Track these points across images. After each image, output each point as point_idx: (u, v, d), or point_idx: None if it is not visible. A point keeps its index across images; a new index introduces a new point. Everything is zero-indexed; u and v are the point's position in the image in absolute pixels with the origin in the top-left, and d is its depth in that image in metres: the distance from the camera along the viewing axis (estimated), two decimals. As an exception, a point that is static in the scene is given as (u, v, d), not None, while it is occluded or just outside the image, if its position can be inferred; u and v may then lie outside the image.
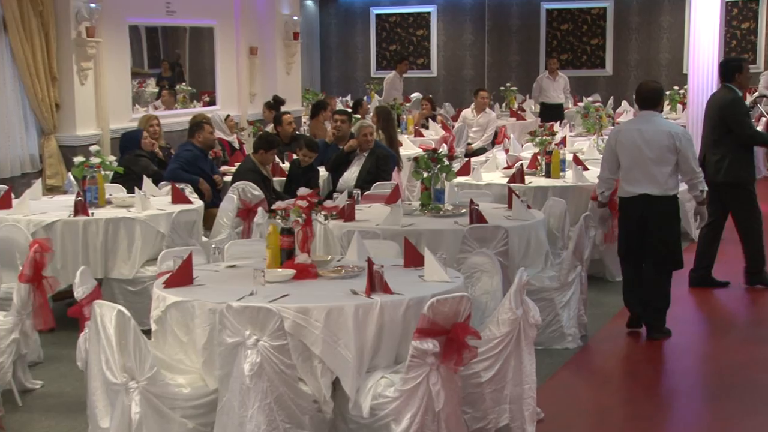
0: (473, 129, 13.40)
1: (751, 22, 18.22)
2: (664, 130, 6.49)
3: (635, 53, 19.36)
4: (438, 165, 6.78)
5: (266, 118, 11.76)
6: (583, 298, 6.62)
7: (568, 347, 6.39)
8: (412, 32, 20.95)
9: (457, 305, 4.29)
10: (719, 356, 6.40)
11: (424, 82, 20.82)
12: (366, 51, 21.30)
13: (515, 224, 6.52)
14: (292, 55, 14.18)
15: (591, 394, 5.68)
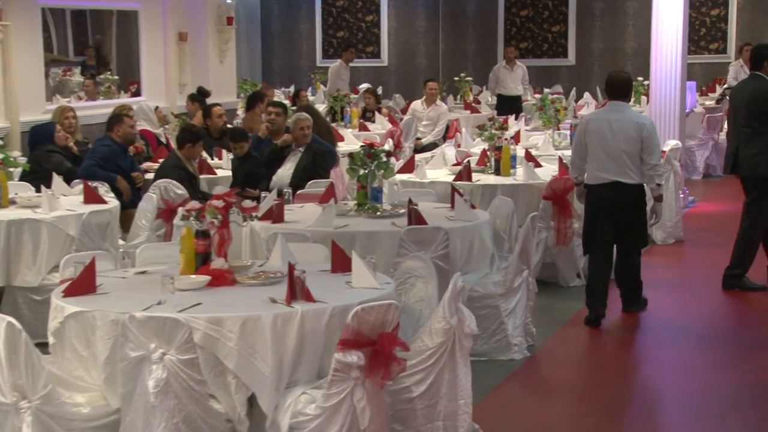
0: (423, 122, 13.39)
1: (721, 8, 18.43)
2: (631, 120, 7.06)
3: (599, 41, 19.49)
4: (375, 161, 6.75)
5: (190, 112, 11.65)
6: (530, 305, 6.63)
7: (513, 358, 6.39)
8: (360, 18, 20.91)
9: (384, 314, 4.26)
10: (673, 366, 6.43)
11: (374, 71, 20.78)
12: (311, 38, 21.22)
13: (457, 225, 6.52)
14: (226, 42, 14.07)
15: (535, 408, 5.68)
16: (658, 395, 5.90)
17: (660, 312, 7.63)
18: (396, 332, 4.32)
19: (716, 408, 5.69)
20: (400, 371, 4.36)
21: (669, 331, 7.16)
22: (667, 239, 9.74)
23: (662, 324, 7.34)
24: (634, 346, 6.88)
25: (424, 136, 13.24)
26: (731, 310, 7.84)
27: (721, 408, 5.67)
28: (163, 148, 9.80)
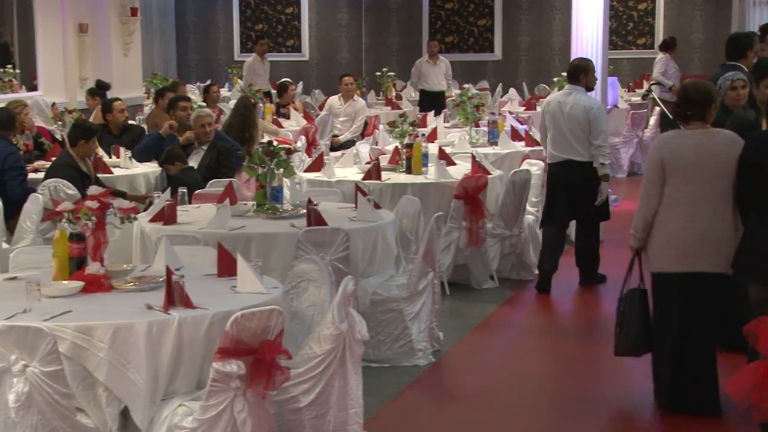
0: (341, 119, 13.32)
1: (648, 2, 18.67)
2: (581, 103, 7.95)
3: (526, 36, 19.62)
4: (274, 159, 6.66)
5: (90, 107, 11.43)
6: (436, 309, 6.60)
7: (418, 364, 6.34)
8: (280, 10, 20.77)
9: (267, 320, 4.18)
10: (580, 370, 6.45)
11: (295, 66, 20.66)
12: (228, 31, 21.03)
13: (359, 226, 6.45)
14: (130, 34, 13.83)
15: (435, 416, 5.64)
16: (562, 401, 5.89)
17: (570, 314, 7.67)
18: (280, 339, 4.25)
19: (624, 413, 5.72)
20: (284, 380, 4.28)
21: (579, 334, 7.20)
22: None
23: (572, 327, 7.40)
24: (543, 350, 6.88)
25: (341, 133, 13.16)
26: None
27: (630, 413, 5.69)
28: (57, 145, 9.58)
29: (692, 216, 5.34)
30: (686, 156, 5.35)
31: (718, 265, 5.29)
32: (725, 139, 5.36)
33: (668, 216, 5.42)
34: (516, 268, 8.50)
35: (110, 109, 9.96)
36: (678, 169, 5.38)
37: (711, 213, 5.30)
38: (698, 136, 5.40)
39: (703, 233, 5.31)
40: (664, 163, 5.42)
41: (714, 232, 5.30)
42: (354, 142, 12.63)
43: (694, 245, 5.33)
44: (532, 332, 7.28)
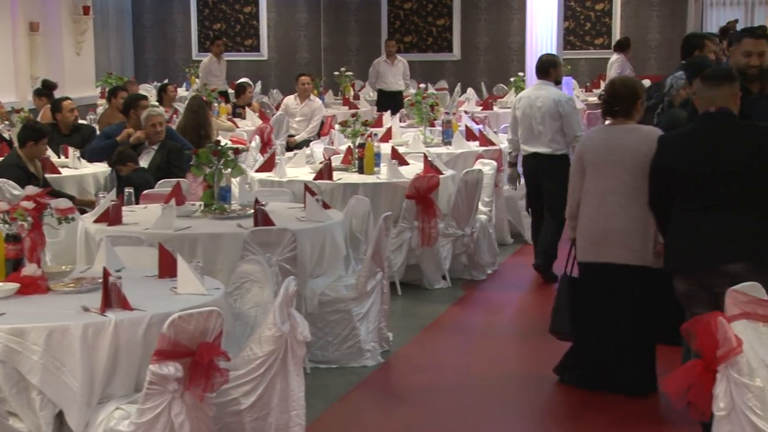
0: (297, 119, 13.27)
1: (606, 2, 18.78)
2: (551, 97, 8.22)
3: (485, 36, 19.67)
4: (221, 159, 6.60)
5: (37, 107, 11.30)
6: (385, 309, 6.58)
7: (366, 365, 6.32)
8: (238, 9, 20.69)
9: (206, 322, 4.14)
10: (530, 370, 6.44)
11: (254, 66, 20.59)
12: (186, 31, 20.93)
13: (307, 226, 6.41)
14: (83, 33, 13.70)
15: (380, 417, 5.61)
16: (508, 401, 5.88)
17: (521, 313, 7.68)
18: (219, 341, 4.21)
19: (572, 411, 5.71)
20: (222, 383, 4.24)
21: (528, 333, 7.17)
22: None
23: (522, 326, 7.38)
24: (492, 350, 6.84)
25: (297, 133, 13.12)
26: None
27: (577, 411, 5.69)
28: (5, 145, 9.45)
29: (599, 208, 5.66)
30: (599, 150, 5.70)
31: (623, 257, 5.57)
32: (639, 135, 5.59)
33: (583, 208, 5.76)
34: (468, 268, 8.50)
35: (59, 109, 9.84)
36: (591, 163, 5.74)
37: (617, 206, 5.59)
38: (613, 131, 5.71)
39: (607, 225, 5.62)
40: (583, 157, 5.79)
41: (618, 224, 5.59)
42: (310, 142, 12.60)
43: (600, 236, 5.66)
44: (482, 332, 7.26)
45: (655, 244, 5.50)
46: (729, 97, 4.90)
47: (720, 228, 4.83)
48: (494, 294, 8.16)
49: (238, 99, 13.74)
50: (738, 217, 4.81)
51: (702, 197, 4.90)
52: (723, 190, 4.83)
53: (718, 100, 4.88)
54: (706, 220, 4.87)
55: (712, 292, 4.72)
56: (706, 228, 4.87)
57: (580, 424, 5.56)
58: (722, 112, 4.88)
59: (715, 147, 4.88)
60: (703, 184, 4.88)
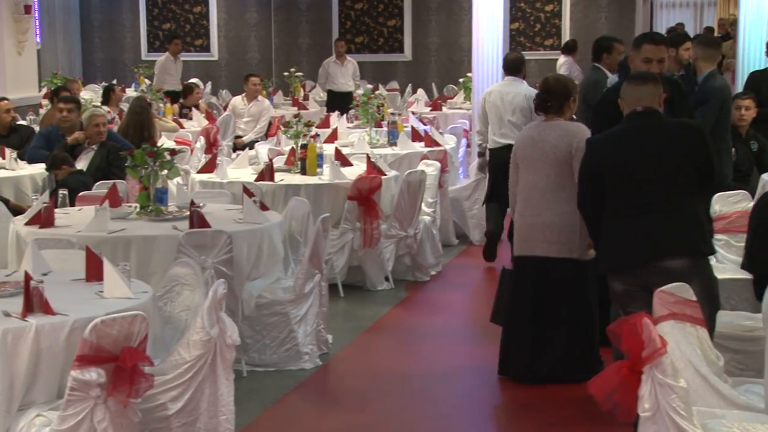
0: (244, 119, 13.19)
1: (555, 4, 18.85)
2: (521, 92, 8.79)
3: (436, 36, 19.67)
4: (157, 160, 6.52)
5: (-24, 108, 11.12)
6: (323, 311, 6.53)
7: (304, 368, 6.27)
8: (188, 9, 20.54)
9: (129, 326, 4.07)
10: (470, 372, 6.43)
11: (204, 66, 20.45)
12: (135, 30, 20.73)
13: (244, 228, 6.34)
14: (24, 32, 13.47)
15: (314, 421, 5.55)
16: (443, 403, 5.84)
17: (463, 315, 7.66)
18: (143, 346, 4.14)
19: (509, 412, 5.71)
20: (147, 388, 4.17)
21: (469, 336, 7.18)
22: (484, 240, 9.79)
23: (463, 328, 7.36)
24: (431, 353, 6.81)
25: (245, 134, 13.04)
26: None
27: (519, 411, 5.68)
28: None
29: (526, 203, 5.91)
30: (527, 147, 5.92)
31: (549, 250, 5.80)
32: (561, 131, 5.79)
33: (517, 203, 6.01)
34: (411, 269, 8.47)
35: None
36: (522, 159, 5.96)
37: (542, 201, 5.81)
38: (541, 127, 5.91)
39: (533, 220, 5.85)
40: (516, 154, 6.00)
41: (542, 219, 5.81)
42: (258, 142, 12.52)
43: (526, 231, 5.90)
44: (423, 334, 7.22)
45: (585, 238, 5.58)
46: (654, 96, 4.91)
47: (656, 226, 4.83)
48: (437, 295, 8.14)
49: (186, 99, 13.61)
50: (673, 213, 4.82)
51: (635, 196, 4.90)
52: (655, 188, 4.84)
53: (643, 99, 4.89)
54: (641, 218, 4.87)
55: (649, 290, 4.71)
56: (641, 227, 4.86)
57: (521, 424, 5.54)
58: (648, 111, 4.89)
59: (643, 145, 4.88)
60: (635, 184, 4.88)
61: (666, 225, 4.85)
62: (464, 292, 8.27)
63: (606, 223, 5.00)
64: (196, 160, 10.43)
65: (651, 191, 4.86)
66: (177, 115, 12.97)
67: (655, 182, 4.84)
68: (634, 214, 4.89)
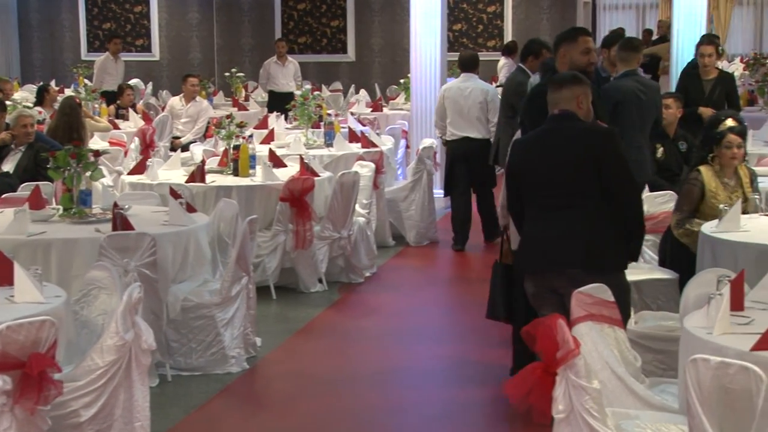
0: (182, 120, 13.04)
1: (497, 5, 18.91)
2: (478, 87, 9.56)
3: (379, 37, 19.65)
4: (80, 162, 6.41)
5: None
6: (251, 314, 6.46)
7: (230, 371, 6.18)
8: (128, 9, 20.34)
9: (37, 332, 3.97)
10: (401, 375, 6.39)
11: (145, 66, 20.26)
12: (74, 30, 20.49)
13: (169, 230, 6.26)
14: (-44, 32, 13.27)
15: (237, 425, 5.48)
16: (376, 406, 5.80)
17: (397, 316, 7.62)
18: (52, 352, 4.04)
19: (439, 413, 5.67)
20: (56, 395, 4.07)
21: (401, 337, 7.13)
22: (420, 241, 9.79)
23: (395, 330, 7.30)
24: (360, 355, 6.75)
25: (183, 135, 12.90)
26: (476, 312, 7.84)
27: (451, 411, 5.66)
28: None
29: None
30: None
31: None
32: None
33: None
34: (345, 271, 8.42)
35: None
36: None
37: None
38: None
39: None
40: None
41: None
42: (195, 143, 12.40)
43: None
44: (354, 336, 7.17)
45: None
46: (571, 99, 4.87)
47: (559, 230, 4.83)
48: (371, 297, 8.10)
49: (119, 100, 13.45)
50: (576, 219, 4.79)
51: (540, 199, 4.91)
52: (557, 192, 4.83)
53: (560, 103, 4.89)
54: (548, 222, 4.88)
55: (557, 293, 4.73)
56: (543, 231, 4.89)
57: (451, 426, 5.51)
58: (563, 114, 4.88)
59: (548, 148, 4.88)
60: (540, 186, 4.90)
61: (567, 231, 4.82)
62: (398, 294, 8.23)
63: (525, 223, 5.01)
64: (130, 161, 10.31)
65: (553, 195, 4.85)
66: (113, 116, 12.82)
67: (556, 186, 4.83)
68: (540, 218, 4.92)
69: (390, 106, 15.37)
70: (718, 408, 3.35)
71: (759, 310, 4.02)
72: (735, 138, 6.21)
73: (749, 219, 5.93)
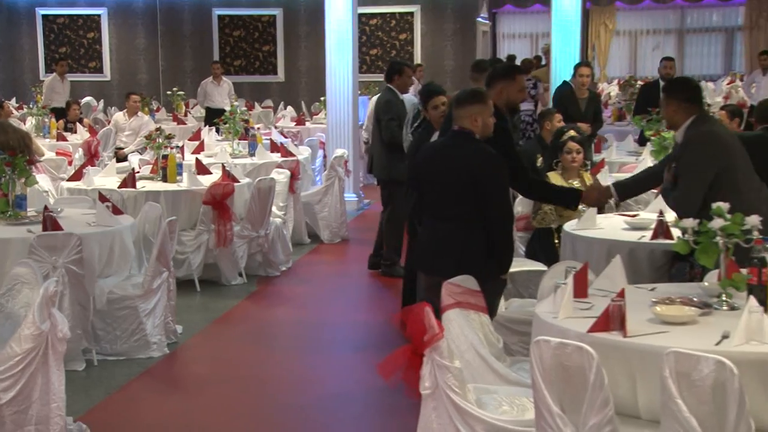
0: (126, 133, 12.77)
1: (408, 33, 18.90)
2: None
3: (305, 60, 19.51)
4: (15, 169, 6.19)
5: None
6: (171, 305, 6.31)
7: (152, 356, 6.04)
8: (82, 35, 19.92)
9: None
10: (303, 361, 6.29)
11: (97, 85, 19.88)
12: (33, 53, 20.01)
13: (96, 230, 6.08)
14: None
15: (155, 404, 5.33)
16: (281, 388, 5.69)
17: (308, 306, 7.52)
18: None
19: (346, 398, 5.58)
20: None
21: (311, 324, 7.03)
22: (333, 239, 9.70)
23: (308, 317, 7.20)
24: (275, 340, 6.65)
25: (126, 146, 12.64)
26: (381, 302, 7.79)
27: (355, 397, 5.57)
28: None
29: None
30: None
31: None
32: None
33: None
34: (263, 266, 8.29)
35: None
36: None
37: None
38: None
39: None
40: None
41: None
42: (138, 153, 12.16)
43: None
44: (268, 323, 7.05)
45: None
46: (467, 117, 4.69)
47: (438, 239, 4.75)
48: (285, 288, 7.99)
49: (68, 115, 13.15)
50: (454, 231, 4.68)
51: (434, 207, 4.83)
52: (447, 204, 4.72)
53: (459, 120, 4.73)
54: (433, 229, 4.80)
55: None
56: (431, 236, 4.81)
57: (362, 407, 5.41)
58: (460, 132, 4.73)
59: (443, 162, 4.75)
60: (434, 196, 4.81)
61: (441, 241, 4.73)
62: (310, 286, 8.12)
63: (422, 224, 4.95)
64: (74, 169, 10.03)
65: (440, 206, 4.77)
66: (62, 130, 12.50)
67: (442, 198, 4.74)
68: (429, 224, 4.85)
69: (313, 120, 15.26)
70: (558, 383, 3.32)
71: (600, 297, 4.00)
72: (574, 145, 6.46)
73: (605, 218, 5.96)
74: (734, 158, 4.95)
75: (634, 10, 27.25)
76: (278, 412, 5.21)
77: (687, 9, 26.96)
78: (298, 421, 5.09)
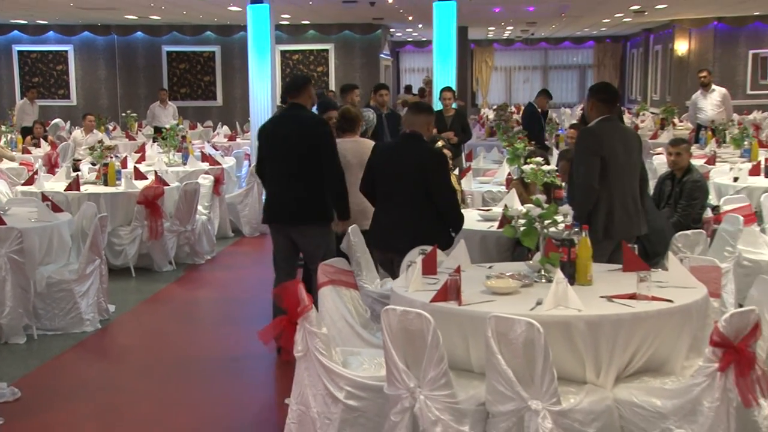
0: (83, 147, 12.27)
1: (324, 66, 18.75)
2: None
3: (239, 88, 19.20)
4: (-35, 174, 5.83)
5: None
6: (104, 288, 6.02)
7: (86, 330, 5.75)
8: (52, 67, 19.23)
9: None
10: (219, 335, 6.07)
11: (66, 109, 19.23)
12: (10, 82, 19.26)
13: (36, 225, 5.78)
14: None
15: (83, 369, 5.07)
16: (198, 354, 5.44)
17: (226, 287, 7.29)
18: None
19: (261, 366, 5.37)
20: None
21: (228, 301, 6.80)
22: (253, 233, 9.46)
23: (226, 297, 6.97)
24: (196, 316, 6.40)
25: (83, 158, 12.14)
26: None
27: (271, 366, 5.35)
28: None
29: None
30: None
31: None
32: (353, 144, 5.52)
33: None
34: (191, 255, 8.02)
35: None
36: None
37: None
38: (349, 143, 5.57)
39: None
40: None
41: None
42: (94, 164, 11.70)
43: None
44: (191, 303, 6.79)
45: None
46: (422, 124, 4.62)
47: (394, 220, 4.59)
48: (208, 274, 7.72)
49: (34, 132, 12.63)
50: (407, 213, 4.54)
51: (385, 192, 4.67)
52: (400, 191, 4.58)
53: (413, 125, 4.63)
54: (389, 211, 4.64)
55: (392, 262, 4.51)
56: (387, 218, 4.64)
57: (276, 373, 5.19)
58: (413, 134, 4.62)
59: (398, 157, 4.63)
60: (389, 184, 4.64)
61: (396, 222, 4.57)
62: (230, 272, 7.88)
63: (375, 207, 4.77)
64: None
65: (394, 192, 4.61)
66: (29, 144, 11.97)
67: (396, 186, 4.58)
68: (384, 207, 4.69)
69: (243, 137, 14.99)
70: (403, 344, 3.21)
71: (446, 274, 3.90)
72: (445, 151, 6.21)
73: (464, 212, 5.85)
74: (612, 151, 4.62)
75: (509, 50, 27.90)
76: (192, 373, 5.00)
77: (549, 50, 27.72)
78: (207, 379, 4.88)
